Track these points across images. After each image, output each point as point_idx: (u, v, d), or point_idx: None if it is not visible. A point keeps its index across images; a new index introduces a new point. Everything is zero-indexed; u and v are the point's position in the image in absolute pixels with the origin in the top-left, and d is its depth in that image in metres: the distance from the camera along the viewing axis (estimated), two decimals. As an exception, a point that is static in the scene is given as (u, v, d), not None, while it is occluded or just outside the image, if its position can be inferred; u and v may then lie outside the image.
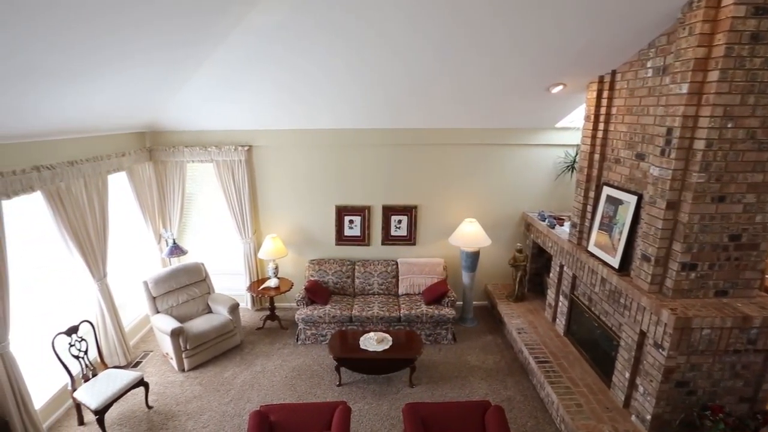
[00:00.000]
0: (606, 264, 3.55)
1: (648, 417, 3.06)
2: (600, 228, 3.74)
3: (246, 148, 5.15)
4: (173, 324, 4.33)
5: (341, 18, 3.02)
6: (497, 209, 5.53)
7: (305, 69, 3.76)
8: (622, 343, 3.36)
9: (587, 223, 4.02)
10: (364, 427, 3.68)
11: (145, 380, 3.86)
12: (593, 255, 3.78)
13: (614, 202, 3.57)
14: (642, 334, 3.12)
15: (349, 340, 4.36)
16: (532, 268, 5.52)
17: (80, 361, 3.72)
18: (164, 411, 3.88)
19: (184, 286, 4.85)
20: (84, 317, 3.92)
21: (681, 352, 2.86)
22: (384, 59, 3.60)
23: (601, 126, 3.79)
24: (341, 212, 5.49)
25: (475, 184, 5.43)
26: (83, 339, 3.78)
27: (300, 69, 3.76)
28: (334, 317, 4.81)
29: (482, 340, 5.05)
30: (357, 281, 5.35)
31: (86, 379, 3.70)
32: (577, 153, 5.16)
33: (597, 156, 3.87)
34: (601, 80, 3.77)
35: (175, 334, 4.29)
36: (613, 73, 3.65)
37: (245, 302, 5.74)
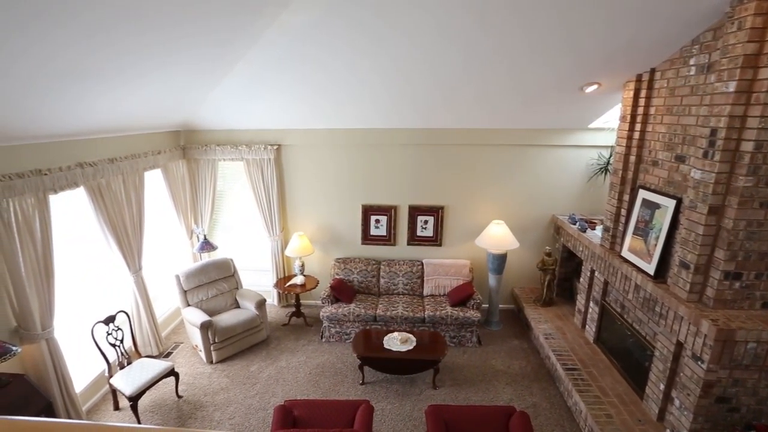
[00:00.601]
0: (640, 270, 3.41)
1: (684, 432, 2.92)
2: (634, 233, 3.60)
3: (275, 147, 5.24)
4: (203, 317, 4.46)
5: (370, 19, 3.02)
6: (526, 211, 5.41)
7: (334, 69, 3.79)
8: (657, 354, 3.22)
9: (621, 228, 3.88)
10: (387, 427, 3.67)
11: (176, 370, 4.00)
12: (627, 260, 3.63)
13: (650, 206, 3.42)
14: (679, 345, 2.98)
15: (373, 340, 4.37)
16: (561, 273, 5.37)
17: (116, 349, 3.88)
18: (193, 401, 4.01)
19: (214, 281, 4.99)
20: (120, 308, 4.10)
21: (722, 366, 2.70)
22: (412, 59, 3.58)
23: (638, 127, 3.64)
24: (367, 211, 5.51)
25: (504, 186, 5.33)
26: (119, 328, 3.95)
27: (329, 69, 3.79)
28: (359, 316, 4.84)
29: (508, 345, 4.95)
30: (382, 281, 5.36)
31: (121, 367, 3.86)
32: (611, 155, 4.98)
33: (633, 158, 3.72)
34: (639, 79, 3.62)
35: (205, 327, 4.42)
36: (653, 72, 3.50)
37: (272, 298, 5.85)
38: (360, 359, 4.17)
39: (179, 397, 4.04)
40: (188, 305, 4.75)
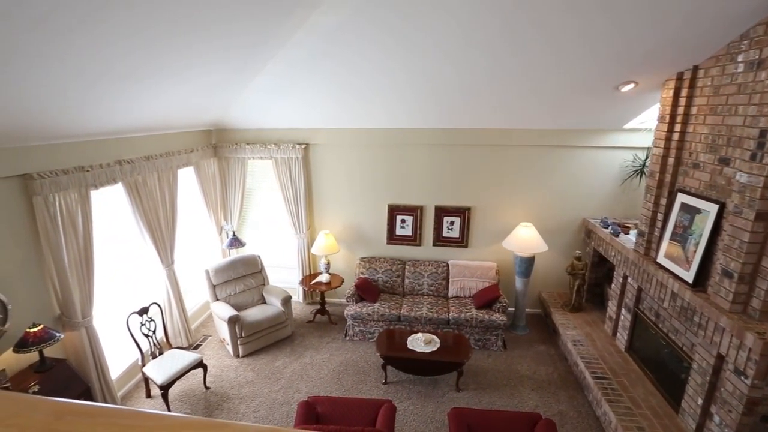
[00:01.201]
0: (678, 278, 3.25)
1: (723, 450, 2.77)
2: (672, 238, 3.43)
3: (303, 146, 5.31)
4: (231, 312, 4.57)
5: (397, 20, 3.01)
6: (555, 214, 5.26)
7: (362, 68, 3.80)
8: (695, 366, 3.06)
9: (657, 233, 3.71)
10: (409, 428, 3.66)
11: (204, 362, 4.11)
12: (663, 267, 3.47)
13: (690, 211, 3.26)
14: (720, 358, 2.82)
15: (397, 339, 4.36)
16: (592, 278, 5.20)
17: (149, 340, 4.03)
18: (220, 392, 4.12)
19: (242, 277, 5.10)
20: (153, 300, 4.25)
21: (768, 382, 2.55)
22: (440, 58, 3.55)
23: (678, 127, 3.47)
24: (393, 211, 5.50)
25: (533, 187, 5.21)
26: (152, 319, 4.10)
27: (357, 68, 3.81)
28: (383, 315, 4.84)
29: (534, 350, 4.84)
30: (407, 281, 5.34)
31: (153, 357, 4.01)
32: (648, 156, 4.78)
33: (671, 160, 3.55)
34: (680, 77, 3.45)
35: (232, 322, 4.53)
36: (695, 69, 3.32)
37: (297, 295, 5.94)
38: (383, 359, 4.17)
39: (207, 389, 4.16)
40: (217, 299, 4.88)
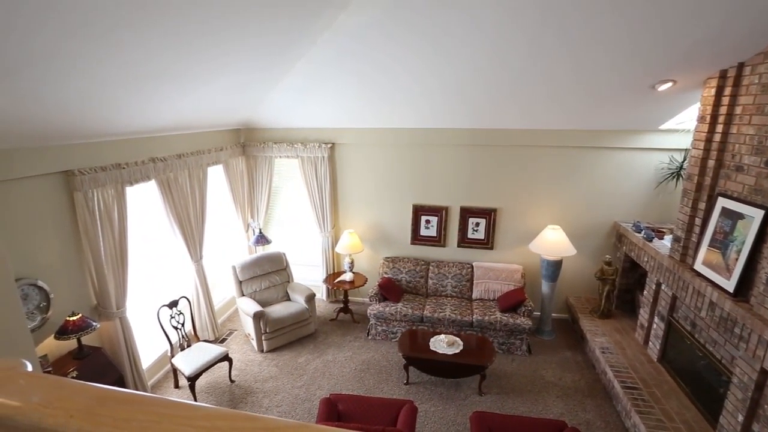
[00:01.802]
0: (717, 286, 3.10)
1: (764, 469, 2.61)
2: (710, 244, 3.27)
3: (329, 146, 5.36)
4: (256, 307, 4.66)
5: (425, 19, 2.99)
6: (585, 217, 5.11)
7: (390, 68, 3.80)
8: (735, 380, 2.91)
9: (694, 238, 3.55)
10: (430, 429, 3.64)
11: (230, 356, 4.20)
12: (700, 275, 3.32)
13: (732, 216, 3.10)
14: (764, 374, 2.66)
15: (419, 340, 4.34)
16: (622, 284, 5.02)
17: (178, 332, 4.16)
18: (244, 386, 4.20)
19: (267, 273, 5.20)
20: (182, 294, 4.38)
21: (815, 399, 2.39)
22: (468, 58, 3.50)
23: (720, 128, 3.30)
24: (418, 211, 5.48)
25: (562, 189, 5.08)
26: (181, 313, 4.22)
27: (385, 68, 3.81)
28: (405, 316, 4.82)
29: (560, 356, 4.72)
30: (430, 282, 5.31)
31: (182, 348, 4.13)
32: (686, 159, 4.57)
33: (712, 162, 3.39)
34: (723, 75, 3.29)
35: (257, 317, 4.62)
36: (740, 66, 3.15)
37: (321, 293, 6.00)
38: (405, 359, 4.16)
39: (232, 382, 4.26)
40: (243, 295, 4.99)
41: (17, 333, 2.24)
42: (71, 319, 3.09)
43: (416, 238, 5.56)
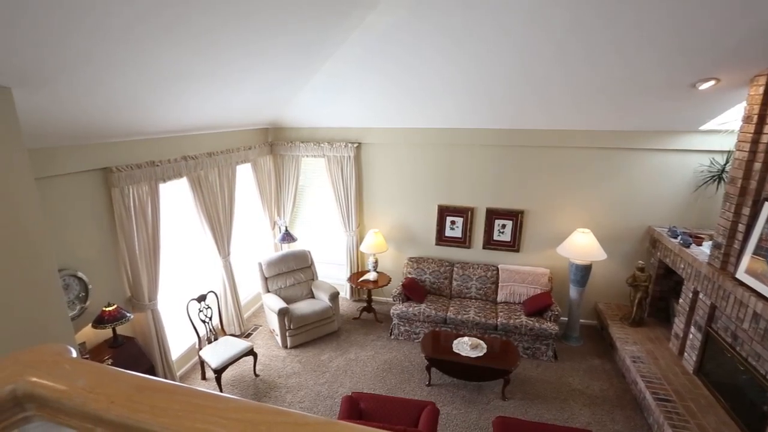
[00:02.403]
0: (762, 297, 2.92)
1: (811, 493, 2.45)
2: (755, 252, 3.10)
3: (355, 145, 5.39)
4: (281, 304, 4.74)
5: (453, 20, 2.96)
6: (617, 220, 4.94)
7: (417, 68, 3.79)
8: (779, 396, 2.74)
9: (737, 245, 3.36)
10: (451, 433, 3.60)
11: (255, 351, 4.29)
12: (742, 284, 3.14)
13: (779, 222, 2.92)
14: (810, 389, 2.51)
15: (442, 342, 4.30)
16: (656, 291, 4.82)
17: (206, 326, 4.28)
18: (268, 381, 4.28)
19: (292, 271, 5.27)
20: (210, 288, 4.50)
21: None
22: (496, 58, 3.44)
23: None
24: (443, 212, 5.43)
25: (593, 192, 4.92)
26: (209, 307, 4.34)
27: (412, 68, 3.80)
28: (429, 317, 4.79)
29: (587, 363, 4.57)
30: (454, 283, 5.26)
31: (209, 342, 4.24)
32: (728, 161, 4.35)
33: (758, 165, 3.20)
34: (772, 73, 3.10)
35: (282, 314, 4.69)
36: (791, 64, 2.98)
37: (344, 292, 6.04)
38: (428, 360, 4.13)
39: (256, 376, 4.34)
40: (268, 291, 5.07)
41: (59, 321, 2.36)
42: (107, 310, 3.23)
43: (441, 239, 5.52)
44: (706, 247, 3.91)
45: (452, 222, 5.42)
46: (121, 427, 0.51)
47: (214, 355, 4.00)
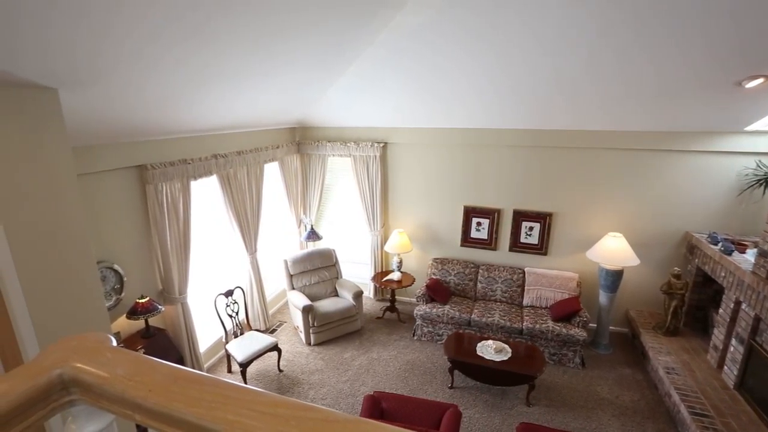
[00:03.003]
0: (811, 308, 2.75)
1: None
2: (805, 261, 2.91)
3: (381, 145, 5.39)
4: (305, 301, 4.80)
5: (481, 19, 2.92)
6: (651, 225, 4.74)
7: (444, 68, 3.76)
8: (830, 415, 2.56)
9: (784, 253, 3.17)
10: (474, 437, 3.55)
11: (279, 346, 4.35)
12: (791, 294, 2.96)
13: (833, 230, 2.73)
14: None
15: (466, 344, 4.25)
16: (693, 299, 4.60)
17: (232, 320, 4.38)
18: (291, 376, 4.33)
19: (317, 269, 5.33)
20: (237, 284, 4.60)
21: None
22: (525, 57, 3.37)
23: (821, 130, 2.93)
24: (469, 213, 5.36)
25: (625, 195, 4.74)
26: (236, 302, 4.44)
27: (439, 68, 3.77)
28: (452, 318, 4.74)
29: (617, 372, 4.42)
30: (479, 285, 5.18)
31: (235, 336, 4.34)
32: (775, 164, 4.11)
33: (809, 168, 3.00)
34: (827, 71, 2.91)
35: (306, 311, 4.74)
36: None
37: (368, 291, 6.05)
38: (451, 362, 4.09)
39: (280, 371, 4.41)
40: (293, 288, 5.15)
41: (97, 310, 2.46)
42: (140, 302, 3.35)
43: (466, 240, 5.45)
44: (750, 255, 3.71)
45: (478, 223, 5.35)
46: (158, 415, 0.52)
47: (240, 349, 4.09)
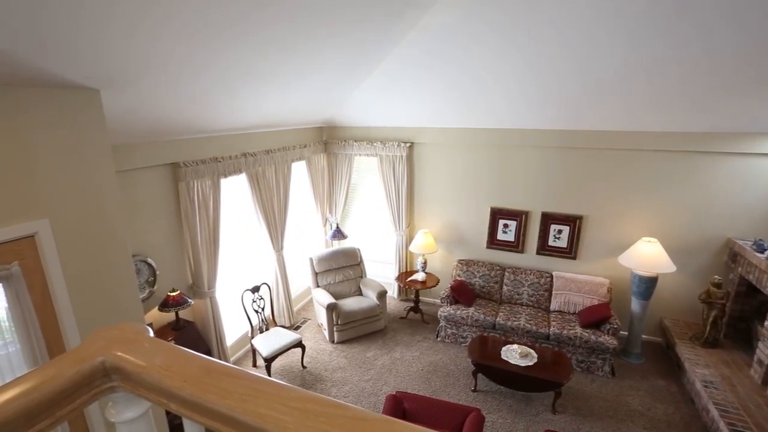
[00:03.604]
0: None
1: None
2: None
3: (408, 145, 5.38)
4: (329, 299, 4.84)
5: (510, 18, 2.87)
6: (689, 230, 4.53)
7: (472, 68, 3.72)
8: None
9: (838, 263, 2.96)
10: (497, 443, 3.49)
11: (303, 343, 4.41)
12: None
13: None
14: None
15: (490, 348, 4.18)
16: (735, 310, 4.36)
17: (258, 316, 4.46)
18: (315, 373, 4.38)
19: (342, 267, 5.36)
20: (264, 280, 4.69)
21: None
22: (554, 57, 3.31)
23: None
24: (496, 215, 5.28)
25: (661, 198, 4.55)
26: (262, 298, 4.52)
27: (467, 68, 3.73)
28: (477, 321, 4.68)
29: (649, 383, 4.24)
30: (505, 288, 5.09)
31: (261, 331, 4.42)
32: (829, 167, 3.84)
33: None
34: None
35: (330, 309, 4.78)
36: None
37: (392, 291, 6.05)
38: (474, 365, 4.03)
39: (303, 367, 4.46)
40: (318, 286, 5.20)
41: (132, 302, 2.56)
42: (171, 295, 3.46)
43: (492, 242, 5.36)
44: (799, 264, 3.48)
45: (505, 225, 5.25)
46: (192, 405, 0.54)
47: (265, 345, 4.17)
